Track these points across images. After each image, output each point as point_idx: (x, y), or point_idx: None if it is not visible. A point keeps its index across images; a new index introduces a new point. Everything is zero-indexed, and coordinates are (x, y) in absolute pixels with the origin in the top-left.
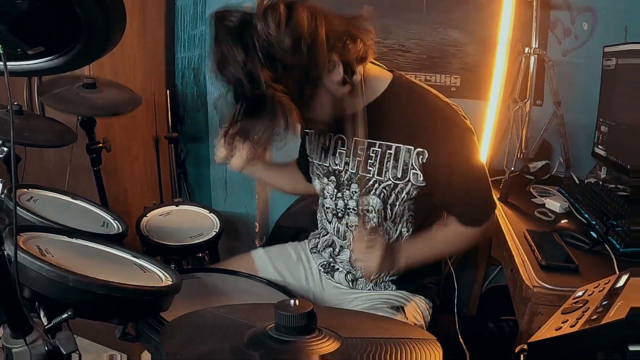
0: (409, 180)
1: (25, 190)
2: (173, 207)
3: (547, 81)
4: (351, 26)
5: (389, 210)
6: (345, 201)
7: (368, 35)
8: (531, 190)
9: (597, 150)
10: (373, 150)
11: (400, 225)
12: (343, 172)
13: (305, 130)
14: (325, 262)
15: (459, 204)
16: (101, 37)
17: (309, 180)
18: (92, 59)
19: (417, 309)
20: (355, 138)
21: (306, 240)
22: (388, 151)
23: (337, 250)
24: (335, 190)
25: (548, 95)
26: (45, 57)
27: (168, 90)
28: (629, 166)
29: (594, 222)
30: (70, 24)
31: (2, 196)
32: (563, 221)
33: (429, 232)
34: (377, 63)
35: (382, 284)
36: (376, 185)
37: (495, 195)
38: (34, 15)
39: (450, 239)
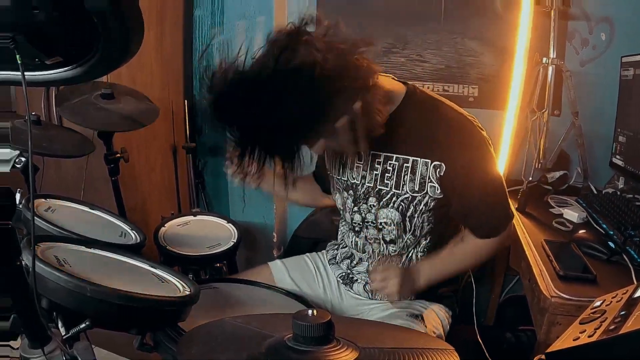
0: (427, 193)
1: (43, 200)
2: (191, 217)
3: (565, 91)
4: (351, 55)
5: (407, 223)
6: (363, 215)
7: (369, 67)
8: (549, 200)
9: (614, 160)
10: (390, 163)
11: (420, 238)
12: (360, 186)
13: None
14: (343, 274)
15: (475, 215)
16: (119, 48)
17: (326, 191)
18: (110, 68)
19: (436, 317)
20: (371, 152)
21: (324, 251)
22: (405, 165)
23: (355, 262)
24: (352, 204)
25: (566, 105)
26: (62, 67)
27: (186, 100)
28: None
29: (611, 233)
30: (88, 34)
31: (20, 206)
32: (581, 231)
33: (447, 250)
34: (389, 75)
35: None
36: (394, 198)
37: (513, 205)
38: (51, 25)
39: (469, 253)
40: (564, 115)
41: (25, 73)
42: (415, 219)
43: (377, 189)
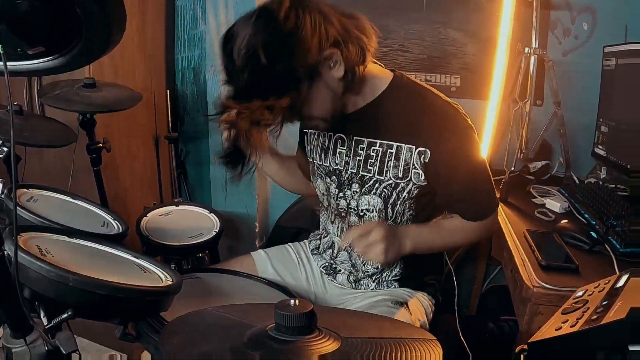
0: (410, 180)
1: (26, 190)
2: (173, 207)
3: (547, 81)
4: (353, 25)
5: (389, 210)
6: (347, 201)
7: (371, 35)
8: (531, 190)
9: (597, 150)
10: (374, 149)
11: (401, 225)
12: (344, 172)
13: (304, 130)
14: (327, 264)
15: (461, 202)
16: (101, 37)
17: (308, 178)
18: (93, 58)
19: (419, 305)
20: (355, 137)
21: (306, 241)
22: (389, 150)
23: (335, 251)
24: (337, 190)
25: (548, 95)
26: (45, 57)
27: (168, 90)
28: (628, 166)
29: (594, 222)
30: (71, 23)
31: (2, 196)
32: (563, 221)
33: (434, 222)
34: (378, 62)
35: (385, 282)
36: (377, 184)
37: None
38: (34, 15)
39: (456, 230)
40: (546, 105)
41: (8, 63)
42: (397, 206)
43: (360, 175)
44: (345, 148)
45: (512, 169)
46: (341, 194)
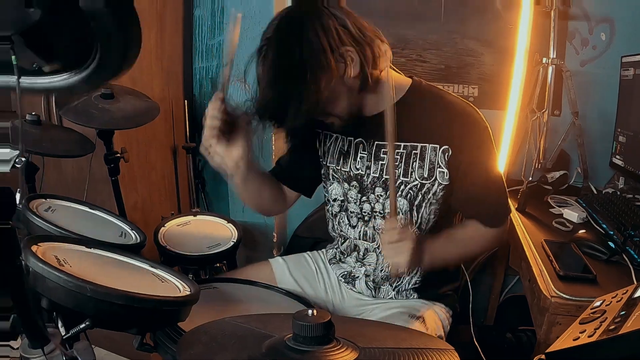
0: (436, 179)
1: (43, 200)
2: (191, 217)
3: (565, 91)
4: (370, 30)
5: (415, 213)
6: (372, 204)
7: (386, 41)
8: (549, 200)
9: (614, 160)
10: (397, 152)
11: (425, 233)
12: (365, 177)
13: (317, 130)
14: (345, 272)
15: (477, 203)
16: (118, 53)
17: (296, 188)
18: (110, 76)
19: (436, 317)
20: (376, 142)
21: (324, 250)
22: (413, 151)
23: (361, 253)
24: (360, 195)
25: (566, 105)
26: (60, 74)
27: (186, 101)
28: None
29: (611, 233)
30: (87, 39)
31: (20, 206)
32: (581, 231)
33: (446, 232)
34: (397, 70)
35: (404, 292)
36: (402, 186)
37: (513, 205)
38: (48, 27)
39: (470, 238)
40: (564, 115)
41: (23, 79)
42: (423, 208)
43: (383, 179)
44: (366, 153)
45: (530, 179)
46: (364, 198)
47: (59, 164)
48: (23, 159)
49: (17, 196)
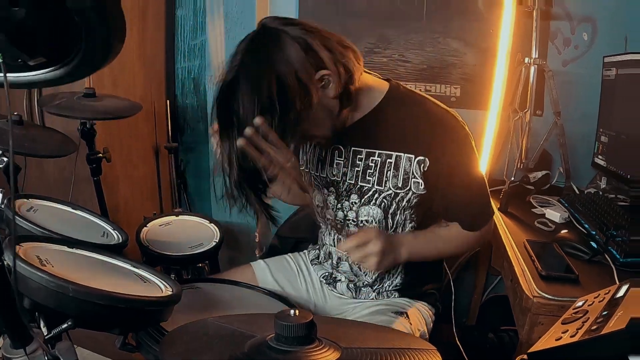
0: (410, 189)
1: (25, 200)
2: (173, 217)
3: (547, 91)
4: (337, 43)
5: (389, 220)
6: (345, 212)
7: (355, 50)
8: (531, 200)
9: (597, 160)
10: (372, 159)
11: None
12: (341, 183)
13: None
14: (326, 274)
15: (458, 209)
16: (101, 47)
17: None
18: (94, 69)
19: (419, 314)
20: (352, 148)
21: (306, 251)
22: (388, 160)
23: (334, 261)
24: (335, 201)
25: (548, 105)
26: (46, 68)
27: (168, 100)
28: (628, 176)
29: (594, 232)
30: (71, 33)
31: (2, 206)
32: (563, 231)
33: (430, 229)
34: (373, 73)
35: (385, 292)
36: (376, 195)
37: (495, 205)
38: (32, 24)
39: (452, 238)
40: (546, 115)
41: (8, 74)
42: (397, 216)
43: (358, 186)
44: (342, 159)
45: (512, 179)
46: (339, 205)
47: (40, 164)
48: (5, 159)
49: None
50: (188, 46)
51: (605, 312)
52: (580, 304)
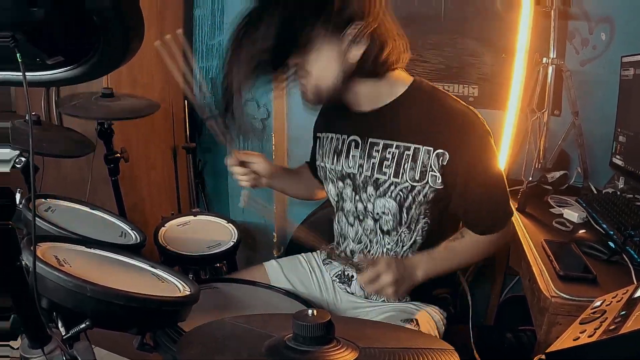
0: (427, 182)
1: (44, 200)
2: (191, 217)
3: (565, 91)
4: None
5: (404, 214)
6: (365, 204)
7: (404, 40)
8: (549, 200)
9: (615, 160)
10: (390, 151)
11: (415, 234)
12: (357, 175)
13: (318, 135)
14: (340, 272)
15: (476, 209)
16: (119, 47)
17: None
18: (112, 67)
19: (430, 318)
20: (370, 139)
21: (319, 251)
22: (406, 152)
23: (355, 258)
24: (353, 193)
25: (566, 105)
26: (64, 67)
27: (186, 101)
28: None
29: (611, 232)
30: (89, 33)
31: (21, 206)
32: (581, 231)
33: (444, 244)
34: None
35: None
36: (392, 187)
37: (513, 205)
38: (51, 24)
39: (468, 248)
40: (564, 115)
41: (26, 73)
42: (412, 210)
43: (374, 178)
44: (359, 151)
45: (530, 179)
46: (357, 197)
47: (58, 164)
48: (23, 159)
49: (17, 196)
50: (206, 46)
51: (623, 312)
52: (598, 304)
